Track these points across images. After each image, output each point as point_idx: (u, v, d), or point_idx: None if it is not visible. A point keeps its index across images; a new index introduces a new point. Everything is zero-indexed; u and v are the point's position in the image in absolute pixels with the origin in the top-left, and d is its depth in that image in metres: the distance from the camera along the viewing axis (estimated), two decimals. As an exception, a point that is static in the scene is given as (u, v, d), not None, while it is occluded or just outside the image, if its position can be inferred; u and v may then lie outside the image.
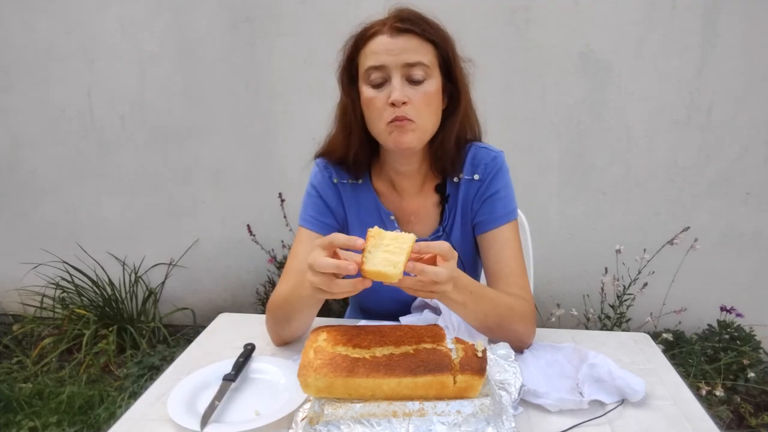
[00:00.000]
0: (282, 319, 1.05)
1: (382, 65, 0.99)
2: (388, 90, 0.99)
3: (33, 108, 2.63)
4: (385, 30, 1.00)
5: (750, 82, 2.24)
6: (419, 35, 1.00)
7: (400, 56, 0.98)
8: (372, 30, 1.01)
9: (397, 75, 0.99)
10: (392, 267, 0.77)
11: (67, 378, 2.28)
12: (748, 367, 2.10)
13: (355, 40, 1.04)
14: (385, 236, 0.79)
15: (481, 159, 1.12)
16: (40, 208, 2.78)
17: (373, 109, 1.02)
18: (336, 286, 0.81)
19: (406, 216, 1.16)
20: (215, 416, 0.84)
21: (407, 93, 0.99)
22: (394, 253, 0.78)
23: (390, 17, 1.01)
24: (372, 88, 1.01)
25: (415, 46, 0.99)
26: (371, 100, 1.01)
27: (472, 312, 0.96)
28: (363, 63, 1.03)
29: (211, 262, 2.76)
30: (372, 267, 0.77)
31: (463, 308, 0.95)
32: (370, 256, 0.78)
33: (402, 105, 0.98)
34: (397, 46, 0.99)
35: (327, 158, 1.17)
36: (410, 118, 0.99)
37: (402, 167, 1.13)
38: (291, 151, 2.50)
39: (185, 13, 2.45)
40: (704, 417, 0.86)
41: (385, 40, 0.99)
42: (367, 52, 1.01)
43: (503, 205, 1.11)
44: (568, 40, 2.29)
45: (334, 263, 0.79)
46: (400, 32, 0.99)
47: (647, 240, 2.26)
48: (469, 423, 0.74)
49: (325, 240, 0.82)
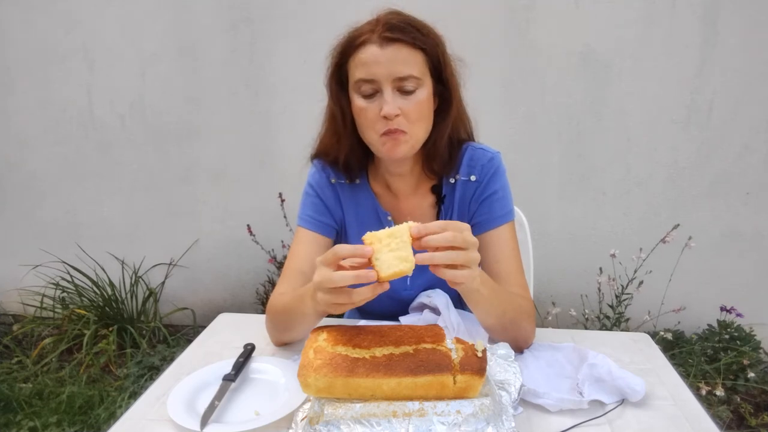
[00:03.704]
0: (282, 328, 1.05)
1: (372, 78, 0.98)
2: (380, 102, 0.98)
3: (33, 108, 2.63)
4: (374, 39, 0.97)
5: (750, 82, 2.24)
6: (409, 44, 0.98)
7: (390, 68, 0.97)
8: (361, 38, 0.99)
9: (388, 87, 0.97)
10: (405, 262, 0.77)
11: (67, 378, 2.28)
12: (748, 367, 2.10)
13: (343, 48, 1.02)
14: (382, 237, 0.79)
15: (477, 160, 1.12)
16: (40, 208, 2.77)
17: (365, 120, 1.01)
18: (356, 295, 0.80)
19: (403, 216, 1.16)
20: (215, 416, 0.84)
21: (399, 104, 0.98)
22: (399, 249, 0.78)
23: (379, 25, 0.98)
24: (363, 98, 1.00)
25: (405, 57, 0.97)
26: (363, 110, 1.00)
27: (495, 307, 0.96)
28: (353, 73, 1.01)
29: (211, 262, 2.76)
30: (387, 272, 0.77)
31: (488, 303, 0.94)
32: (379, 262, 0.77)
33: (395, 117, 0.98)
34: (387, 58, 0.97)
35: (322, 159, 1.17)
36: (403, 129, 0.99)
37: (395, 170, 1.13)
38: (291, 151, 2.48)
39: (185, 13, 2.45)
40: (704, 417, 0.86)
41: (375, 50, 0.97)
42: (357, 62, 0.99)
43: (501, 206, 1.11)
44: (568, 40, 2.29)
45: (353, 275, 0.77)
46: (389, 42, 0.97)
47: (647, 240, 2.26)
48: (469, 423, 0.74)
49: (329, 255, 0.80)
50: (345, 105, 1.05)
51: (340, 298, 0.80)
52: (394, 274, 0.77)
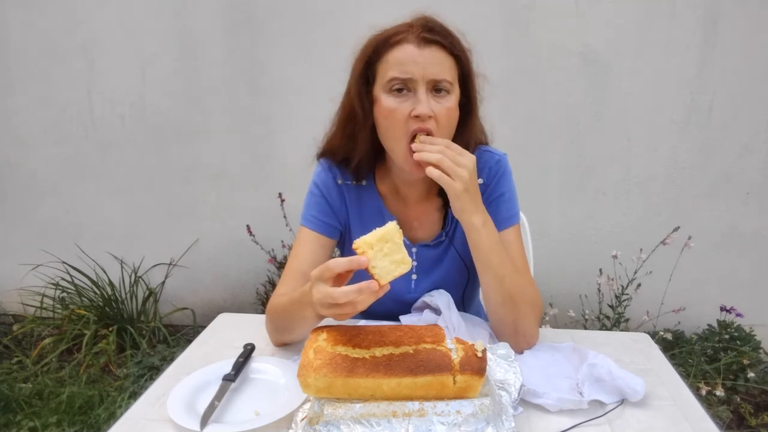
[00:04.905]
0: (282, 329, 1.05)
1: (409, 78, 0.96)
2: (412, 102, 0.97)
3: (33, 108, 2.63)
4: (412, 39, 0.96)
5: (750, 82, 2.24)
6: (446, 48, 0.97)
7: (427, 69, 0.96)
8: (398, 37, 0.97)
9: (423, 88, 0.96)
10: (402, 264, 0.78)
11: (67, 378, 2.28)
12: (748, 367, 2.10)
13: (376, 46, 1.00)
14: (373, 243, 0.78)
15: (485, 162, 1.12)
16: (40, 208, 2.77)
17: (394, 121, 0.98)
18: (360, 304, 0.79)
19: (409, 221, 1.15)
20: (215, 416, 0.84)
21: (432, 107, 0.97)
22: (393, 252, 0.78)
23: (416, 26, 0.98)
24: (393, 98, 0.98)
25: (441, 60, 0.97)
26: (392, 112, 0.98)
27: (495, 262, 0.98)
28: (385, 71, 0.98)
29: (211, 262, 2.76)
30: (387, 278, 0.77)
31: (488, 250, 0.97)
32: (377, 270, 0.77)
33: (427, 119, 0.96)
34: (425, 58, 0.96)
35: (330, 159, 1.15)
36: (432, 131, 0.97)
37: (409, 177, 1.10)
38: (291, 151, 2.50)
39: (185, 13, 2.45)
40: (704, 417, 0.87)
41: (412, 50, 0.96)
42: (391, 61, 0.97)
43: (507, 208, 1.11)
44: (568, 40, 2.29)
45: (355, 289, 0.77)
46: (427, 43, 0.96)
47: (647, 240, 2.26)
48: (468, 423, 0.74)
49: (324, 272, 0.80)
50: (367, 106, 1.03)
51: (344, 309, 0.80)
52: (393, 278, 0.78)
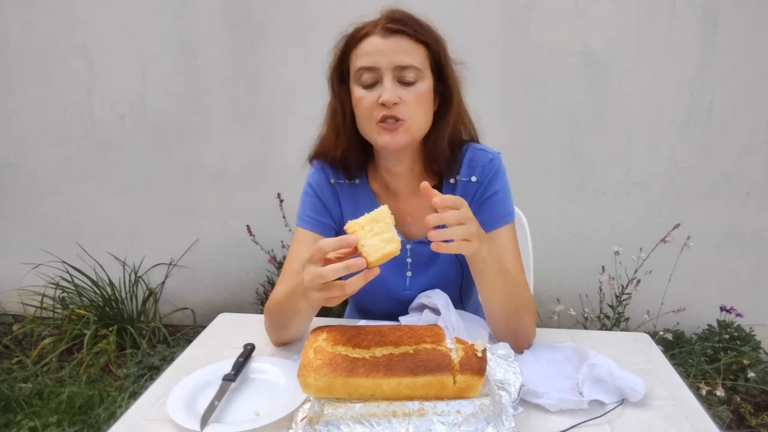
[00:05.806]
0: (279, 326, 1.05)
1: (373, 66, 0.99)
2: (379, 90, 0.99)
3: (33, 108, 2.63)
4: (377, 31, 1.00)
5: (750, 82, 2.24)
6: (411, 36, 1.00)
7: (391, 57, 0.98)
8: (363, 30, 1.01)
9: (389, 76, 0.99)
10: (391, 243, 0.78)
11: (67, 378, 2.28)
12: (748, 367, 2.10)
13: (346, 41, 1.04)
14: (364, 224, 0.79)
15: (478, 161, 1.12)
16: (40, 208, 2.77)
17: (363, 109, 1.02)
18: (349, 286, 0.80)
19: (403, 217, 1.15)
20: (215, 416, 0.84)
21: (399, 93, 0.99)
22: (383, 232, 0.79)
23: (382, 18, 1.01)
24: (363, 88, 1.01)
25: (406, 48, 0.99)
26: (361, 100, 1.01)
27: (500, 284, 0.97)
28: (354, 63, 1.02)
29: (211, 262, 2.76)
30: (376, 255, 0.78)
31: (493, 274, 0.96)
32: (366, 248, 0.78)
33: (393, 106, 0.98)
34: (389, 47, 0.99)
35: (322, 159, 1.17)
36: (400, 117, 0.99)
37: (394, 167, 1.12)
38: (291, 151, 2.48)
39: (185, 13, 2.45)
40: (704, 417, 0.86)
41: (377, 41, 0.99)
42: (359, 53, 1.01)
43: (501, 206, 1.11)
44: (568, 40, 2.29)
45: (343, 266, 0.78)
46: (391, 33, 0.99)
47: (647, 240, 2.26)
48: (468, 423, 0.74)
49: (314, 252, 0.81)
50: (345, 99, 1.06)
51: (333, 291, 0.80)
52: (382, 257, 0.78)
